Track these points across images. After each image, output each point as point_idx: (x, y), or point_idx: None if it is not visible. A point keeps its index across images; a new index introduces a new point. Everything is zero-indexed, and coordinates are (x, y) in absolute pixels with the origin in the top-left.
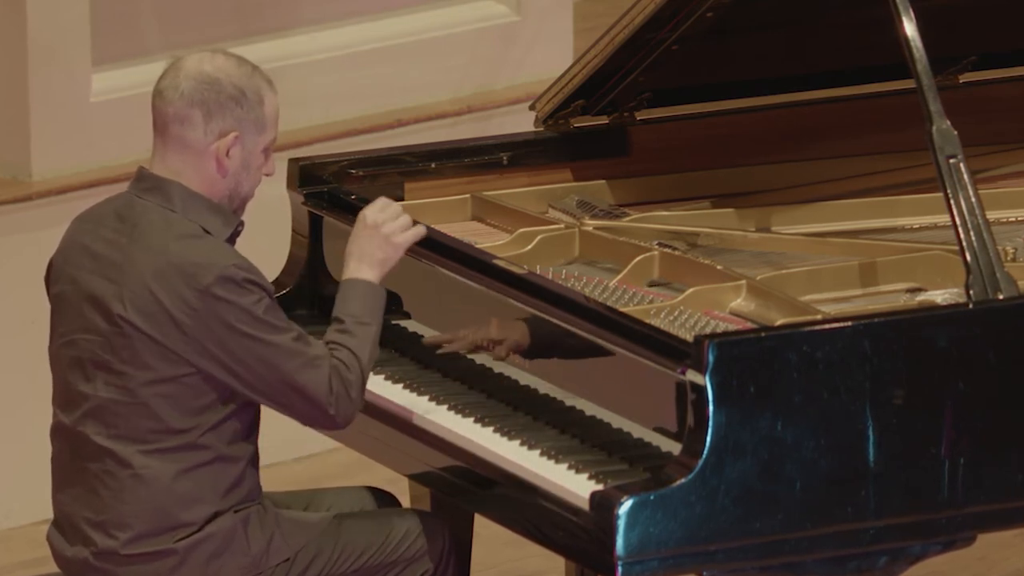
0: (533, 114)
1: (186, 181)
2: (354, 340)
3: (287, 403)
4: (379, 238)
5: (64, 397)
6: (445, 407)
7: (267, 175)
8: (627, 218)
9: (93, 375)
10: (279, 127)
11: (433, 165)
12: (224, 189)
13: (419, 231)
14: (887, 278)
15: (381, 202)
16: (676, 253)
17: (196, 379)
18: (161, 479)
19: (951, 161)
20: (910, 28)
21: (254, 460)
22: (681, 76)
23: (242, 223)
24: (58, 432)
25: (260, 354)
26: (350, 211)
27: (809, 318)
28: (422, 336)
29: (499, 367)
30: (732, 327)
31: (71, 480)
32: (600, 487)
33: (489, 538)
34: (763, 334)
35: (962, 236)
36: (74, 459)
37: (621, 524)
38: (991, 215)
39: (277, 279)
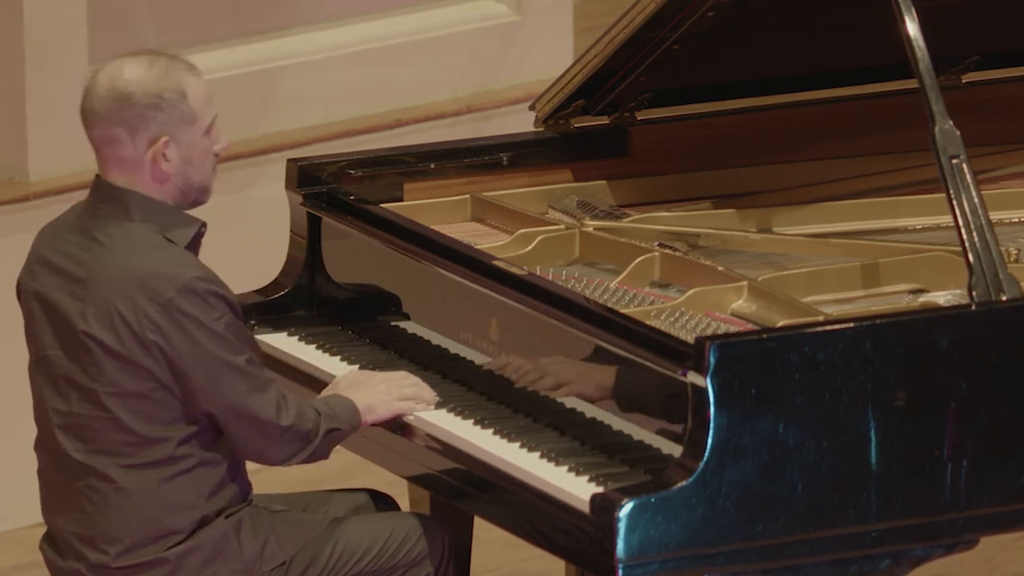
0: (533, 114)
1: (139, 189)
2: (324, 412)
3: (233, 429)
4: (385, 391)
5: (42, 414)
6: (445, 409)
7: (220, 152)
8: (628, 219)
9: (66, 392)
10: (273, 131)
11: (433, 165)
12: (174, 188)
13: (418, 407)
14: (889, 279)
15: (424, 390)
16: (677, 254)
17: (163, 393)
18: (144, 490)
19: (954, 161)
20: (912, 28)
21: (237, 461)
22: (682, 76)
23: (204, 224)
24: (40, 448)
25: (213, 370)
26: (349, 212)
27: (811, 319)
28: (421, 337)
29: (499, 369)
30: (733, 328)
31: (57, 496)
32: (601, 489)
33: (489, 541)
34: (765, 336)
35: (965, 237)
36: (57, 475)
37: (622, 527)
38: (994, 216)
39: (275, 280)
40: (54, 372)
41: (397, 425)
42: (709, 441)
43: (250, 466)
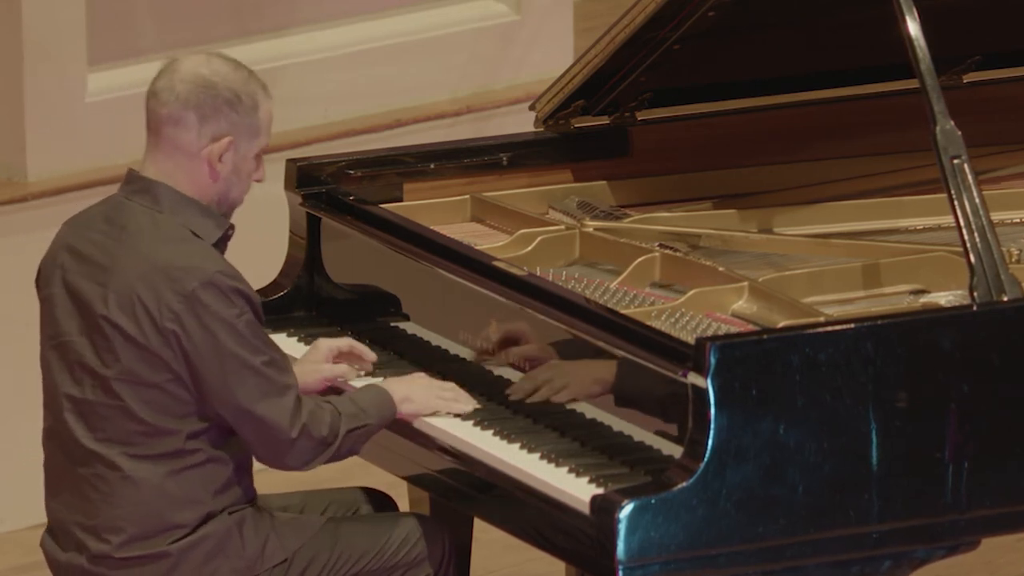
0: (533, 114)
1: (176, 183)
2: (347, 411)
3: (244, 431)
4: (426, 386)
5: (53, 400)
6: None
7: (257, 181)
8: (628, 219)
9: (80, 378)
10: (272, 131)
11: (432, 166)
12: (214, 193)
13: (456, 407)
14: (890, 280)
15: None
16: (677, 255)
17: (176, 386)
18: (151, 481)
19: (955, 162)
20: (914, 27)
21: (246, 461)
22: (682, 76)
23: (232, 226)
24: (49, 436)
25: (227, 366)
26: (348, 212)
27: (812, 320)
28: (421, 338)
29: (499, 370)
30: (734, 329)
31: (63, 485)
32: (601, 491)
33: (489, 542)
34: (765, 336)
35: (966, 237)
36: (65, 463)
37: (622, 528)
38: (995, 216)
39: (275, 281)
40: (70, 357)
41: (397, 426)
42: (710, 442)
43: (254, 465)
